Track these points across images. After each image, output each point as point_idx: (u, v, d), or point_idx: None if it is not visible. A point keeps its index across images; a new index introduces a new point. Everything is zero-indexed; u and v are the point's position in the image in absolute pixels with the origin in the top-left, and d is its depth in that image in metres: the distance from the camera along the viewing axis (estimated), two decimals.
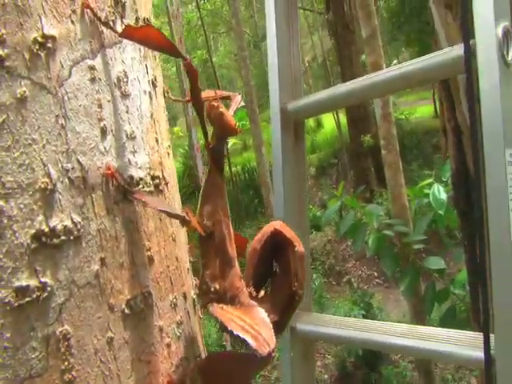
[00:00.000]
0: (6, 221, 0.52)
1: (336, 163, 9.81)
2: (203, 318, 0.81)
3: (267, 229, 0.71)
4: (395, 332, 0.86)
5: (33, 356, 0.52)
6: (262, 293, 0.72)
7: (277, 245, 0.71)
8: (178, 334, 0.66)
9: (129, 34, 0.61)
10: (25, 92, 0.54)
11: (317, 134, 11.96)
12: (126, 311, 0.59)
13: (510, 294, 0.66)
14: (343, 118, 9.23)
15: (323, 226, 8.21)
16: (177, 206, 0.72)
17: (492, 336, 0.68)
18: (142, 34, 0.60)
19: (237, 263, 0.70)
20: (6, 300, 0.51)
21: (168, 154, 0.73)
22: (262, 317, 0.62)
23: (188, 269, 0.74)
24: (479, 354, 0.70)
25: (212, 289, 0.66)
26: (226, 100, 0.79)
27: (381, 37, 4.38)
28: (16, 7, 0.54)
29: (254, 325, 0.59)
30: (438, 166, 6.78)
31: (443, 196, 3.21)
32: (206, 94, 0.79)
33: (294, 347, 0.99)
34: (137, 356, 0.59)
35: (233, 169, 10.75)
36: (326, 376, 6.83)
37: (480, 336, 0.71)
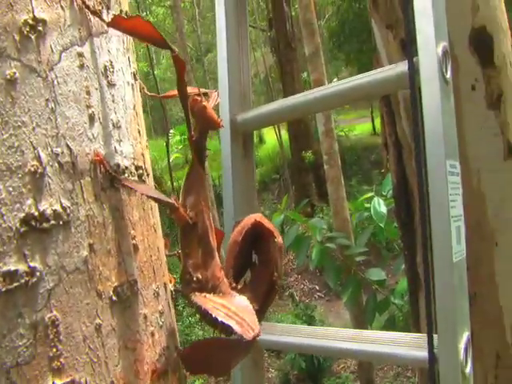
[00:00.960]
0: None
1: (278, 178, 9.98)
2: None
3: (247, 221, 0.73)
4: (341, 336, 0.89)
5: (20, 343, 0.50)
6: (242, 283, 0.74)
7: (256, 236, 0.73)
8: (161, 323, 0.66)
9: (118, 23, 0.61)
10: (15, 73, 0.53)
11: (259, 149, 12.13)
12: (114, 298, 0.58)
13: (450, 297, 0.71)
14: (285, 134, 9.44)
15: None
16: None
17: (435, 336, 0.73)
18: (131, 25, 0.61)
19: (217, 254, 0.72)
20: None
21: (147, 146, 0.74)
22: (244, 304, 0.64)
23: (165, 261, 0.74)
24: (423, 353, 0.74)
25: (195, 278, 0.67)
26: (205, 96, 0.81)
27: (322, 55, 4.56)
28: None
29: (237, 312, 0.61)
30: (376, 181, 7.08)
31: (383, 209, 3.36)
32: (189, 89, 0.80)
33: (244, 360, 0.99)
34: (123, 343, 0.59)
35: (175, 183, 10.62)
36: None
37: (422, 337, 0.76)
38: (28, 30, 0.55)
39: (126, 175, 0.63)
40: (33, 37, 0.55)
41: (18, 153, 0.53)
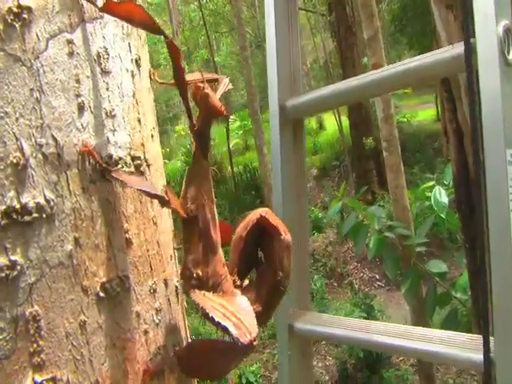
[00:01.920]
0: None
1: (338, 165, 9.78)
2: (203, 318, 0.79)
3: (253, 216, 0.69)
4: (390, 332, 0.84)
5: (0, 337, 0.50)
6: (247, 282, 0.70)
7: (262, 232, 0.68)
8: (157, 320, 0.64)
9: (110, 8, 0.59)
10: None
11: (319, 135, 11.93)
12: (101, 294, 0.56)
13: (509, 297, 0.64)
14: (345, 121, 9.21)
15: (325, 228, 8.18)
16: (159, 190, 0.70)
17: (492, 339, 0.67)
18: (123, 10, 0.58)
19: (220, 250, 0.68)
20: None
21: (152, 136, 0.71)
22: (244, 305, 0.60)
23: (172, 255, 0.72)
24: (479, 356, 0.68)
25: (194, 275, 0.64)
26: (214, 83, 0.77)
27: (383, 39, 4.37)
28: None
29: (236, 313, 0.57)
30: (439, 169, 6.74)
31: (444, 199, 3.18)
32: (193, 76, 0.77)
33: (291, 346, 0.98)
34: (111, 341, 0.57)
35: (234, 169, 10.72)
36: (327, 377, 6.80)
37: (479, 338, 0.69)
38: (12, 18, 0.53)
39: (120, 166, 0.61)
40: (17, 25, 0.53)
41: (0, 144, 0.52)
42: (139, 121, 0.67)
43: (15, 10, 0.53)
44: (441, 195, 3.26)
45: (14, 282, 0.51)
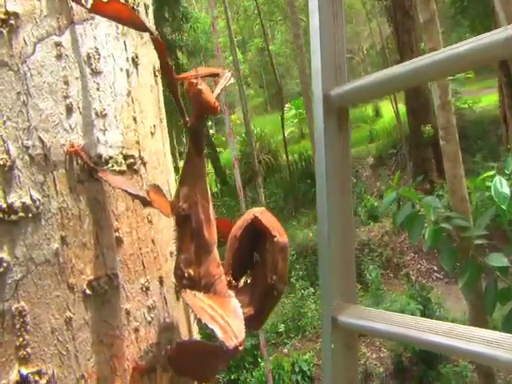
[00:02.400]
0: None
1: (395, 153, 9.47)
2: None
3: (247, 216, 0.68)
4: (433, 329, 0.79)
5: None
6: (242, 283, 0.69)
7: (257, 234, 0.67)
8: (149, 318, 0.65)
9: (97, 8, 0.59)
10: None
11: (375, 123, 11.59)
12: (88, 292, 0.58)
13: None
14: (402, 108, 8.88)
15: (380, 217, 7.98)
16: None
17: None
18: (110, 9, 0.59)
19: (215, 249, 0.67)
20: None
21: (152, 133, 0.72)
22: (234, 308, 0.59)
23: (172, 252, 0.72)
24: None
25: (186, 274, 0.64)
26: (215, 77, 0.76)
27: (442, 23, 4.15)
28: None
29: (224, 316, 0.57)
30: (503, 157, 6.36)
31: (506, 189, 3.01)
32: (198, 71, 0.76)
33: (335, 339, 0.96)
34: (98, 338, 0.58)
35: (290, 157, 10.67)
36: (381, 369, 6.68)
37: None
38: None
39: (110, 165, 0.62)
40: (4, 31, 0.55)
41: None
42: (134, 119, 0.67)
43: (2, 16, 0.55)
44: (502, 185, 3.08)
45: (1, 278, 0.53)
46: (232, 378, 7.41)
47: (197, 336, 0.77)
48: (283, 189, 10.57)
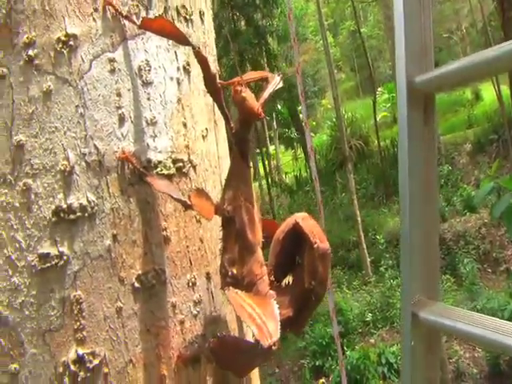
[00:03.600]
0: (33, 196, 0.61)
1: (496, 139, 8.78)
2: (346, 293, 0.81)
3: (290, 220, 0.70)
4: None
5: (52, 313, 0.61)
6: (284, 284, 0.71)
7: (298, 238, 0.69)
8: (195, 312, 0.70)
9: (146, 24, 0.64)
10: (50, 86, 0.61)
11: (474, 107, 10.78)
12: (137, 285, 0.64)
13: None
14: (506, 90, 8.19)
15: (477, 208, 7.49)
16: (209, 189, 0.75)
17: None
18: (156, 25, 0.64)
19: (259, 250, 0.70)
20: (32, 263, 0.61)
21: (204, 136, 0.76)
22: (271, 309, 0.62)
23: (221, 250, 0.76)
24: None
25: (230, 273, 0.68)
26: (264, 81, 0.78)
27: None
28: (44, 12, 0.62)
29: (261, 315, 0.60)
30: None
31: None
32: (248, 75, 0.79)
33: (415, 337, 0.93)
34: (145, 327, 0.64)
35: (381, 143, 10.35)
36: (475, 370, 6.35)
37: None
38: (61, 46, 0.62)
39: (159, 169, 0.67)
40: (65, 51, 0.62)
41: (52, 154, 0.61)
42: (184, 124, 0.72)
43: (63, 38, 0.62)
44: None
45: (62, 269, 0.61)
46: (317, 364, 7.45)
47: (248, 332, 0.80)
48: (374, 175, 10.29)
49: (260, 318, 0.59)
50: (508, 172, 7.24)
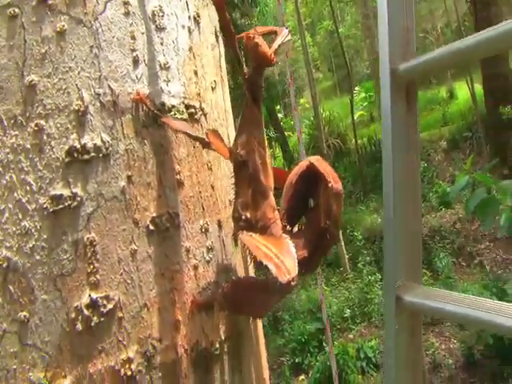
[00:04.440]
0: (45, 137, 0.60)
1: (470, 136, 8.98)
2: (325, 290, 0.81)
3: (303, 163, 0.70)
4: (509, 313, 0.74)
5: (64, 257, 0.59)
6: (296, 228, 0.72)
7: (312, 180, 0.69)
8: (208, 258, 0.69)
9: None
10: (64, 26, 0.60)
11: (449, 105, 11.02)
12: (151, 227, 0.63)
13: None
14: (479, 89, 8.39)
15: (452, 203, 7.65)
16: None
17: None
18: None
19: (271, 195, 0.70)
20: (44, 206, 0.59)
21: (213, 88, 0.75)
22: (287, 247, 0.62)
23: (230, 201, 0.76)
24: None
25: (243, 217, 0.67)
26: (273, 35, 0.79)
27: None
28: None
29: (278, 254, 0.60)
30: None
31: None
32: (261, 28, 0.79)
33: (399, 320, 0.94)
34: (160, 271, 0.63)
35: (359, 141, 10.46)
36: (451, 361, 6.46)
37: None
38: None
39: (173, 113, 0.66)
40: None
41: (65, 94, 0.60)
42: (195, 73, 0.71)
43: None
44: None
45: (75, 211, 0.60)
46: (296, 361, 7.47)
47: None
48: (352, 173, 10.39)
49: (277, 257, 0.59)
50: (481, 168, 7.42)
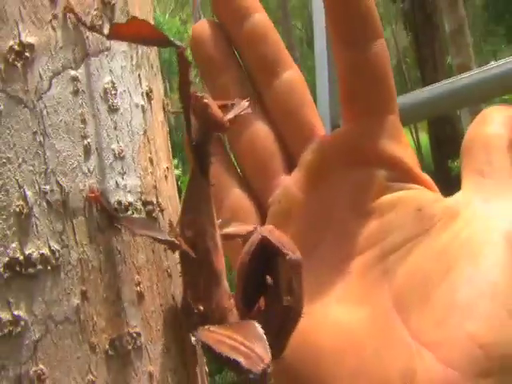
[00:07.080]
0: None
1: None
2: None
3: (254, 238, 0.76)
4: None
5: None
6: (255, 310, 0.77)
7: (267, 254, 0.75)
8: (174, 383, 0.72)
9: (118, 32, 0.69)
10: None
11: None
12: (110, 352, 0.66)
13: None
14: (425, 138, 9.17)
15: None
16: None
17: None
18: (131, 29, 0.69)
19: (225, 280, 0.76)
20: None
21: (166, 176, 0.82)
22: (255, 331, 0.66)
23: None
24: None
25: (195, 311, 0.71)
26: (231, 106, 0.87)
27: (472, 32, 4.39)
28: None
29: (245, 342, 0.64)
30: None
31: None
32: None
33: None
34: None
35: None
36: None
37: None
38: (14, 57, 0.65)
39: (130, 212, 0.71)
40: (19, 64, 0.65)
41: (3, 192, 0.63)
42: (151, 161, 0.77)
43: (17, 48, 0.65)
44: None
45: (18, 339, 0.61)
46: None
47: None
48: None
49: (244, 346, 0.63)
50: None
